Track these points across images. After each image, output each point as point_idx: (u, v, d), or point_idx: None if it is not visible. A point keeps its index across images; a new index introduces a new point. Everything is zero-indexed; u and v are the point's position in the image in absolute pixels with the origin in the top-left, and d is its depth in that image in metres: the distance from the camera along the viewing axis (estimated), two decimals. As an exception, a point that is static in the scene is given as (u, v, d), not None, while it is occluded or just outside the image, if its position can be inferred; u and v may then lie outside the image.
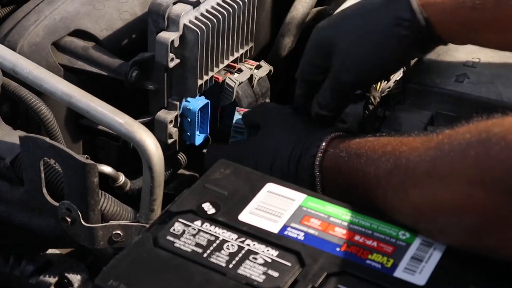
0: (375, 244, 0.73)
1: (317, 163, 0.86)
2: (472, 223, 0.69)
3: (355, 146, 0.83)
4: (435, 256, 0.72)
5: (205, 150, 1.08)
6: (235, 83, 1.06)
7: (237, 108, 1.03)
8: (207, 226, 0.74)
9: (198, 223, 0.74)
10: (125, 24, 1.06)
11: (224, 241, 0.73)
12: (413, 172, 0.73)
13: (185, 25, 0.98)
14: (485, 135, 0.68)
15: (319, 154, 0.87)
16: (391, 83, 1.06)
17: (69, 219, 0.90)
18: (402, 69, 1.07)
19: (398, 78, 1.07)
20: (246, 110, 1.02)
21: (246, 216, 0.75)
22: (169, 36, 0.97)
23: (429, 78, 1.00)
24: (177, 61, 0.99)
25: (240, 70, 1.08)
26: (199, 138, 1.05)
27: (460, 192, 0.68)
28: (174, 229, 0.74)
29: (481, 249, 0.70)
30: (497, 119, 0.69)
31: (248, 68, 1.09)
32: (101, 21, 1.04)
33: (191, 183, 0.80)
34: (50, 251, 1.02)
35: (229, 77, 1.06)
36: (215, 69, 1.04)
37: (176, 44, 0.98)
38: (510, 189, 0.65)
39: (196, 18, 0.99)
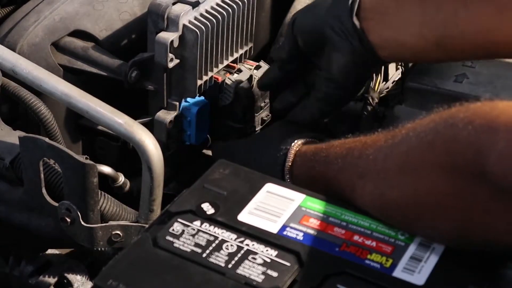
0: (374, 244, 0.73)
1: (286, 172, 0.88)
2: (456, 212, 0.69)
3: (323, 153, 0.83)
4: (434, 255, 0.72)
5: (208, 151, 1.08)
6: (234, 83, 1.06)
7: None
8: (206, 226, 0.74)
9: (197, 223, 0.74)
10: (124, 24, 1.06)
11: (223, 241, 0.72)
12: (385, 173, 0.73)
13: (184, 25, 0.98)
14: (451, 121, 0.68)
15: (287, 165, 0.88)
16: (389, 84, 1.06)
17: (68, 219, 0.90)
18: (400, 70, 1.07)
19: (396, 79, 1.07)
20: None
21: (245, 216, 0.75)
22: (169, 36, 0.97)
23: (428, 78, 0.99)
24: (176, 61, 0.99)
25: (239, 71, 1.08)
26: (198, 138, 1.05)
27: (437, 182, 0.68)
28: (173, 229, 0.74)
29: (470, 241, 0.70)
30: (460, 106, 0.69)
31: (247, 68, 1.09)
32: (100, 21, 1.04)
33: (191, 183, 0.80)
34: (49, 251, 1.02)
35: (228, 77, 1.06)
36: (215, 70, 1.04)
37: (176, 44, 0.98)
38: (483, 172, 0.65)
39: (196, 18, 0.99)
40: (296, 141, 0.90)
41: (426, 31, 0.87)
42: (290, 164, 0.88)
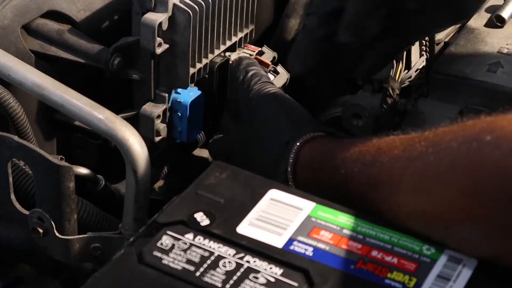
0: (395, 260, 0.73)
1: (290, 177, 0.89)
2: (468, 234, 0.72)
3: (330, 155, 0.85)
4: (465, 274, 0.71)
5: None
6: None
7: None
8: (200, 239, 0.74)
9: (189, 236, 0.74)
10: (106, 4, 1.05)
11: (220, 258, 0.72)
12: (397, 188, 0.76)
13: (174, 5, 0.98)
14: (476, 145, 0.70)
15: (289, 169, 0.89)
16: (412, 72, 1.06)
17: (41, 230, 0.90)
18: (425, 56, 1.07)
19: (420, 67, 1.07)
20: None
21: (246, 228, 0.75)
22: (156, 18, 0.97)
23: (457, 67, 1.00)
24: (165, 46, 0.99)
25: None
26: (191, 136, 1.05)
27: (451, 205, 0.72)
28: (161, 243, 0.73)
29: (484, 258, 0.73)
30: (485, 122, 0.72)
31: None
32: (78, 0, 1.04)
33: (182, 189, 0.80)
34: (19, 266, 1.02)
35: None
36: (210, 56, 1.04)
37: (165, 27, 0.98)
38: (509, 197, 0.68)
39: (188, -4, 0.99)
40: (301, 137, 0.90)
41: None
42: (292, 167, 0.89)
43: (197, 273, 0.71)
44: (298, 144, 0.90)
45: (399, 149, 0.78)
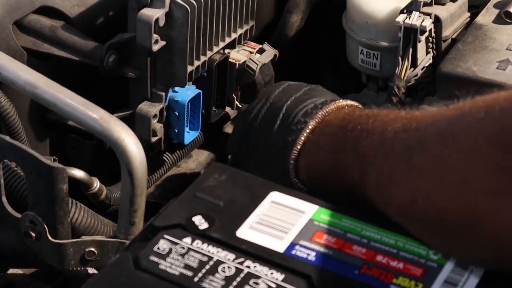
0: (401, 265, 0.72)
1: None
2: (496, 229, 0.68)
3: (365, 120, 0.81)
4: (473, 279, 0.71)
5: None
6: (257, 64, 1.08)
7: None
8: (198, 244, 0.73)
9: (187, 240, 0.74)
10: None
11: (219, 262, 0.72)
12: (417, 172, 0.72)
13: (172, 0, 0.98)
14: (499, 108, 0.67)
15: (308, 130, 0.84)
16: (418, 70, 1.06)
17: (33, 234, 0.90)
18: (431, 54, 1.07)
19: (427, 65, 1.07)
20: None
21: (246, 232, 0.75)
22: (153, 14, 0.97)
23: (465, 65, 0.99)
24: (162, 43, 0.99)
25: (262, 50, 1.09)
26: (188, 136, 1.06)
27: (479, 201, 0.68)
28: (158, 248, 0.73)
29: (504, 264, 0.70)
30: (505, 91, 0.69)
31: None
32: (72, -5, 1.04)
33: (180, 191, 0.79)
34: (11, 270, 1.02)
35: (250, 58, 1.08)
36: (208, 53, 1.05)
37: (162, 23, 0.98)
38: None
39: (185, -9, 0.99)
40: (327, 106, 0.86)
41: None
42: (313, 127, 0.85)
43: (195, 279, 0.70)
44: (326, 108, 0.85)
45: (427, 117, 0.74)
